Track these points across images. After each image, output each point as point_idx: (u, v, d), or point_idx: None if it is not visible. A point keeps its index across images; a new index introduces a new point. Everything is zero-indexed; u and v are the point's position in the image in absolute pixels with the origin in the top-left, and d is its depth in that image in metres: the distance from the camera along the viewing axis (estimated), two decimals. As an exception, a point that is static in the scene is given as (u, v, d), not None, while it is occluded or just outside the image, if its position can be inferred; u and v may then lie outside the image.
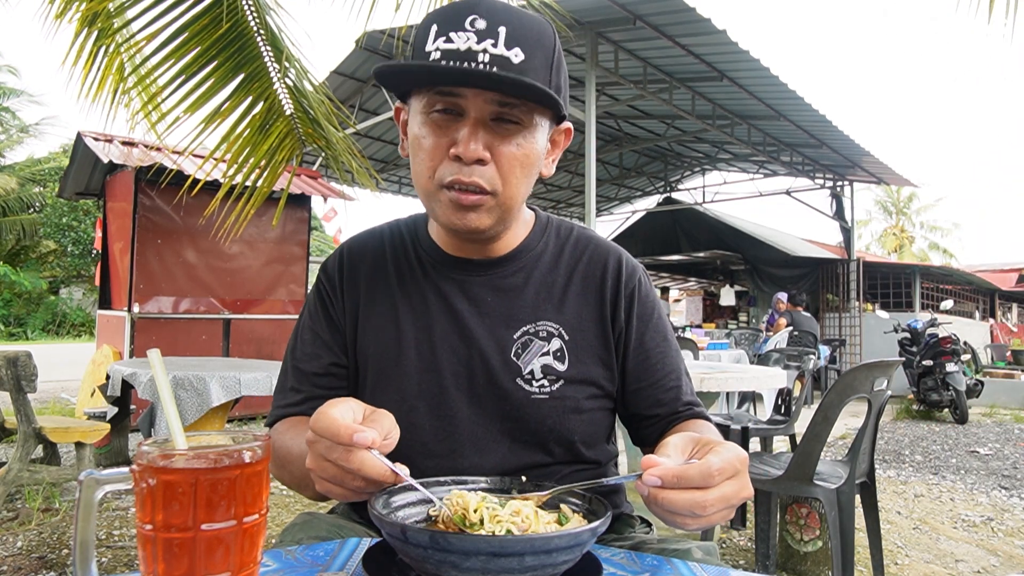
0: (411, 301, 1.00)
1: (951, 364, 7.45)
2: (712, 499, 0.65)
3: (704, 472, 0.65)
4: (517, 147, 0.88)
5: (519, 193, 0.92)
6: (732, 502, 0.68)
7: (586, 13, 6.16)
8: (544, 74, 0.86)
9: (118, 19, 2.83)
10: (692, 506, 0.65)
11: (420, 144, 0.90)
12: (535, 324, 0.98)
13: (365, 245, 1.07)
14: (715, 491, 0.66)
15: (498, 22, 0.83)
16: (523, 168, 0.90)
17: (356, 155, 3.50)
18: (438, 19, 0.85)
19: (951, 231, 31.84)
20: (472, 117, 0.86)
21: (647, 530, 1.08)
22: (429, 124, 0.89)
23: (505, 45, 0.82)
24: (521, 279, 1.01)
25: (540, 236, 1.05)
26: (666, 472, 0.66)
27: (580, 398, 0.97)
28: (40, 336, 21.58)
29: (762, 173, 12.29)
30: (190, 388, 3.27)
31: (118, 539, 3.02)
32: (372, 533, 0.97)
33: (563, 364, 0.97)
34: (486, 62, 0.82)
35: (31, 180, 21.70)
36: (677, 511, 0.66)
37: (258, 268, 6.72)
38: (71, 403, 7.22)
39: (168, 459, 0.55)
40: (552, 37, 0.88)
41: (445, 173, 0.88)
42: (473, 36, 0.82)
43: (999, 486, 4.60)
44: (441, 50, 0.83)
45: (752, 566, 2.81)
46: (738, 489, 0.68)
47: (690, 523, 0.67)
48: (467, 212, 0.89)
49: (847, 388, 2.39)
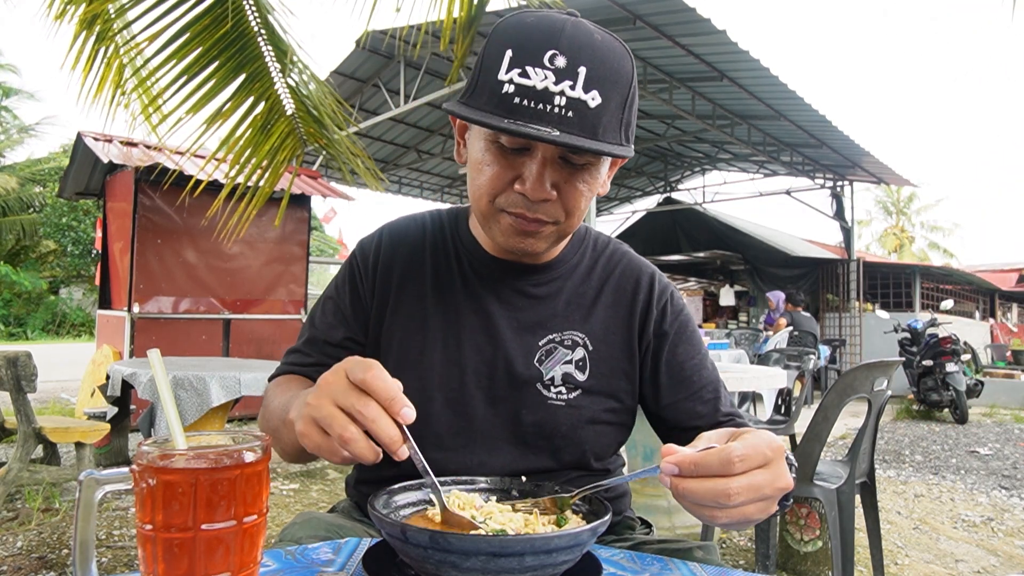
0: (443, 294, 1.00)
1: (951, 364, 7.45)
2: (737, 487, 0.60)
3: (724, 458, 0.61)
4: (583, 184, 0.88)
5: (579, 222, 0.93)
6: (765, 492, 0.62)
7: (586, 13, 6.06)
8: (617, 115, 0.83)
9: (119, 21, 2.83)
10: (715, 495, 0.61)
11: (481, 169, 0.88)
12: (562, 333, 0.98)
13: (406, 231, 1.06)
14: (740, 479, 0.61)
15: (579, 61, 0.79)
16: (587, 201, 0.90)
17: (360, 155, 3.51)
18: (514, 44, 0.80)
19: (951, 231, 31.84)
20: (541, 156, 0.84)
21: (647, 531, 1.08)
22: (493, 152, 0.86)
23: (583, 88, 0.79)
24: (555, 288, 1.01)
25: (578, 247, 1.05)
26: (683, 459, 0.62)
27: (596, 410, 0.97)
28: (40, 336, 21.58)
29: (762, 173, 12.29)
30: (190, 388, 3.27)
31: (118, 539, 3.02)
32: (372, 533, 0.97)
33: (583, 374, 0.97)
34: (562, 105, 0.78)
35: (31, 180, 21.69)
36: (700, 501, 0.62)
37: (258, 268, 6.72)
38: (71, 403, 7.22)
39: (168, 459, 0.55)
40: (630, 71, 0.85)
41: (508, 202, 0.87)
42: (552, 75, 0.78)
43: (999, 486, 4.59)
44: (516, 84, 0.79)
45: (752, 566, 2.81)
46: (771, 479, 0.62)
47: (719, 516, 0.63)
48: (527, 237, 0.89)
49: (847, 388, 2.39)
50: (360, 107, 8.90)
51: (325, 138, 3.29)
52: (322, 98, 3.23)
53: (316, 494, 3.95)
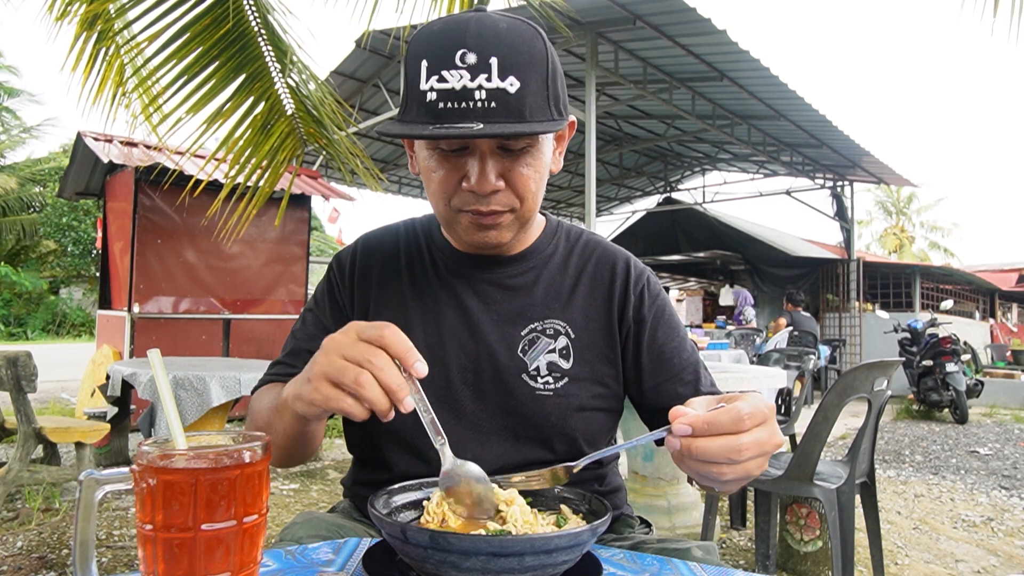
0: (422, 296, 1.02)
1: (951, 364, 7.45)
2: (746, 443, 0.65)
3: (734, 416, 0.65)
4: (528, 167, 0.90)
5: (535, 204, 0.95)
6: (766, 449, 0.67)
7: (586, 13, 6.16)
8: (541, 94, 0.85)
9: (119, 21, 2.83)
10: (727, 451, 0.64)
11: (431, 176, 0.91)
12: (543, 322, 1.00)
13: (381, 241, 1.09)
14: (748, 435, 0.65)
15: (488, 53, 0.82)
16: (536, 183, 0.92)
17: (359, 155, 3.51)
18: (427, 54, 0.83)
19: (951, 231, 31.84)
20: (479, 151, 0.87)
21: (646, 531, 1.09)
22: (437, 158, 0.90)
23: (499, 76, 0.81)
24: (531, 278, 1.03)
25: (551, 238, 1.07)
26: (696, 419, 0.65)
27: (584, 396, 0.98)
28: (40, 336, 21.57)
29: (762, 173, 12.29)
30: (190, 388, 3.28)
31: (118, 539, 3.02)
32: (372, 533, 0.97)
33: (568, 362, 0.98)
34: (483, 99, 0.81)
35: (31, 180, 21.69)
36: (712, 459, 0.65)
37: (258, 268, 6.72)
38: (71, 403, 7.22)
39: (168, 459, 0.55)
40: (543, 48, 0.87)
41: (461, 202, 0.90)
42: (466, 73, 0.81)
43: (999, 486, 4.59)
44: (436, 90, 0.82)
45: (752, 566, 2.81)
46: (769, 435, 0.67)
47: (726, 471, 0.66)
48: (488, 230, 0.92)
49: (847, 388, 2.39)
50: (360, 107, 8.89)
51: (325, 138, 3.30)
52: (322, 98, 3.23)
53: (316, 494, 3.95)
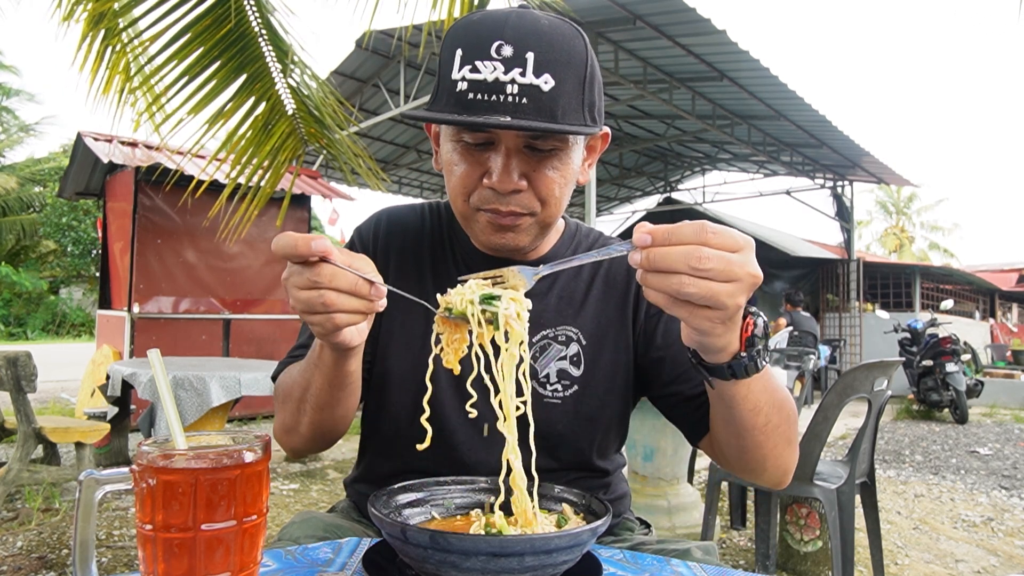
0: (441, 283, 0.99)
1: (951, 364, 7.45)
2: (709, 253, 0.61)
3: (698, 228, 0.62)
4: (553, 170, 0.87)
5: (558, 211, 0.92)
6: (735, 270, 0.62)
7: (586, 13, 6.15)
8: (576, 96, 0.83)
9: (123, 19, 2.84)
10: (687, 257, 0.61)
11: (452, 170, 0.89)
12: (555, 329, 0.98)
13: (404, 219, 1.07)
14: (713, 249, 0.62)
15: (525, 47, 0.79)
16: (561, 188, 0.89)
17: (362, 155, 3.51)
18: (463, 43, 0.81)
19: (951, 231, 31.86)
20: (504, 148, 0.84)
21: (646, 532, 1.08)
22: (460, 151, 0.88)
23: (534, 72, 0.79)
24: (545, 285, 1.00)
25: (568, 244, 1.06)
26: (656, 229, 0.63)
27: (593, 406, 0.96)
28: (40, 336, 21.57)
29: (762, 173, 12.29)
30: (190, 388, 3.27)
31: (118, 539, 3.02)
32: (370, 533, 0.97)
33: (578, 369, 0.97)
34: (515, 93, 0.79)
35: (31, 180, 21.70)
36: (672, 267, 0.62)
37: (258, 268, 6.72)
38: (71, 403, 7.22)
39: (168, 459, 0.55)
40: (584, 51, 0.84)
41: (481, 200, 0.88)
42: (500, 65, 0.79)
43: (999, 486, 4.59)
44: (468, 80, 0.80)
45: (752, 566, 2.81)
46: (743, 261, 0.63)
47: (687, 285, 0.62)
48: (505, 232, 0.90)
49: (847, 388, 2.39)
50: (360, 107, 8.89)
51: (326, 138, 3.30)
52: (323, 98, 3.23)
53: (316, 494, 3.95)
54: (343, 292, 0.69)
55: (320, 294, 0.69)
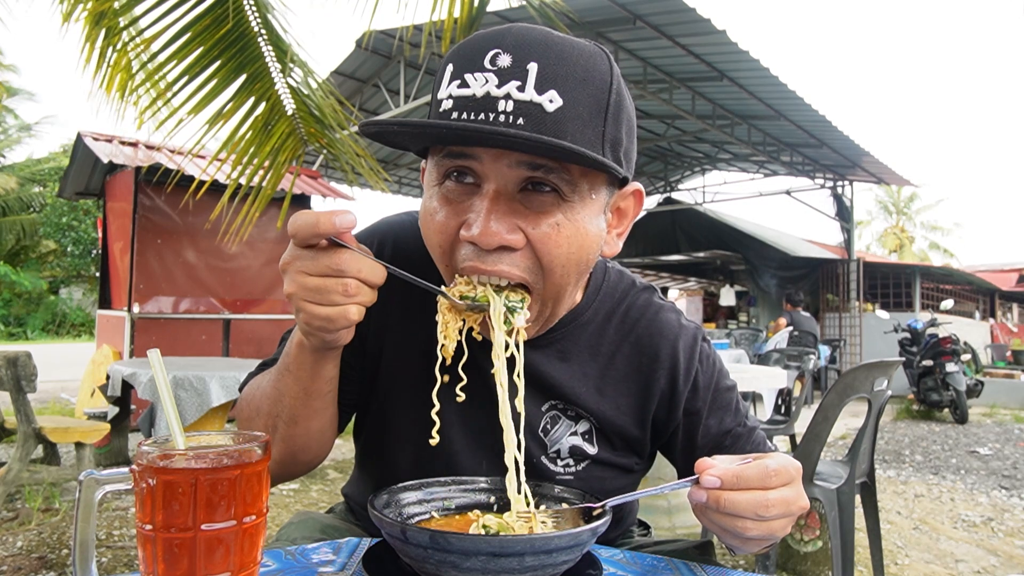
0: None
1: (951, 364, 7.45)
2: (774, 499, 0.63)
3: (762, 472, 0.63)
4: (556, 227, 0.67)
5: (565, 285, 0.72)
6: (792, 509, 0.65)
7: (586, 13, 6.15)
8: (593, 126, 0.65)
9: (124, 18, 2.84)
10: (755, 506, 0.62)
11: (429, 221, 0.72)
12: (564, 402, 0.87)
13: (408, 247, 0.87)
14: (776, 492, 0.63)
15: (527, 57, 0.64)
16: (570, 254, 0.69)
17: (364, 155, 3.51)
18: (455, 56, 0.67)
19: (951, 231, 31.90)
20: (490, 188, 0.66)
21: (645, 533, 1.08)
22: (439, 198, 0.70)
23: (536, 87, 0.62)
24: (561, 349, 0.86)
25: (591, 301, 0.88)
26: (725, 472, 0.63)
27: (607, 476, 0.90)
28: (40, 336, 21.57)
29: (762, 173, 12.29)
30: (190, 388, 3.27)
31: (118, 539, 3.02)
32: (368, 535, 0.97)
33: (592, 447, 0.88)
34: (508, 111, 0.62)
35: (31, 180, 21.69)
36: (740, 513, 0.63)
37: (258, 268, 6.73)
38: (71, 403, 7.21)
39: (168, 459, 0.55)
40: (607, 72, 0.67)
41: (460, 258, 0.70)
42: (493, 78, 0.63)
43: (999, 486, 4.59)
44: (454, 97, 0.64)
45: (752, 566, 2.80)
46: (796, 496, 0.66)
47: (751, 528, 0.64)
48: None
49: (847, 388, 2.39)
50: (360, 107, 8.89)
51: (327, 138, 3.30)
52: (323, 98, 3.23)
53: (316, 494, 3.95)
54: (363, 281, 0.62)
55: (342, 283, 0.61)
